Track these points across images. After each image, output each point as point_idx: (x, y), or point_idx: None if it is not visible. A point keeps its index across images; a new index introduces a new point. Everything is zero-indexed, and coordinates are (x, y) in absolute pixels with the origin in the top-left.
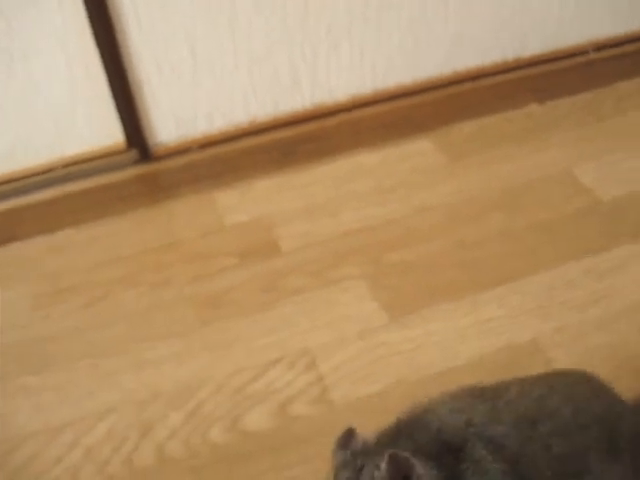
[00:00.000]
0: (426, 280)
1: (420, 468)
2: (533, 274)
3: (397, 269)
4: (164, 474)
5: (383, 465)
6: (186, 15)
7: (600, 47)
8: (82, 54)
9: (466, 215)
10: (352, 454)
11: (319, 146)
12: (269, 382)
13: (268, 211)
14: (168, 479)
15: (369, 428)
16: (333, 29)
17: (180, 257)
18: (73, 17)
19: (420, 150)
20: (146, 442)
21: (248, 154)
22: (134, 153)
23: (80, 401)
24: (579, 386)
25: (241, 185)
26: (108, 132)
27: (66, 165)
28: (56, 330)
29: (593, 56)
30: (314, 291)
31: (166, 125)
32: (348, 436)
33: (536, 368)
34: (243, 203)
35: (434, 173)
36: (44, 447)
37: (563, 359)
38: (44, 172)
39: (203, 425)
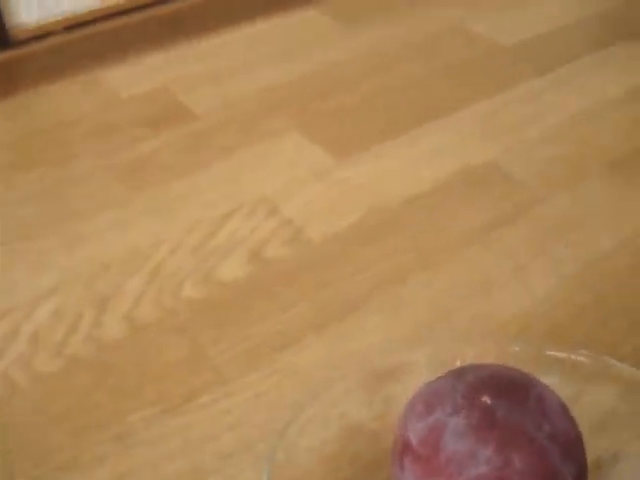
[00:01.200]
0: (362, 123)
1: None
2: (464, 108)
3: (328, 116)
4: (143, 341)
5: None
6: None
7: None
8: None
9: (378, 66)
10: None
11: (203, 20)
12: (231, 232)
13: (168, 79)
14: (151, 345)
15: (353, 257)
16: None
17: (78, 134)
18: None
19: (311, 18)
20: (107, 315)
21: (128, 31)
22: None
23: (6, 290)
24: None
25: (128, 61)
26: None
27: None
28: None
29: None
30: (247, 147)
31: (27, 4)
32: None
33: (497, 183)
34: (136, 76)
35: (331, 36)
36: None
37: (520, 172)
38: None
39: (170, 285)
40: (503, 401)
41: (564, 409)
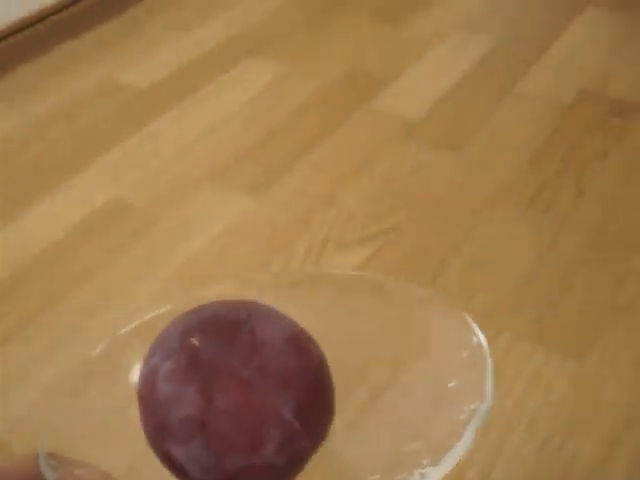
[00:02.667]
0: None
1: None
2: (97, 159)
3: None
4: None
5: None
6: None
7: None
8: None
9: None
10: None
11: None
12: None
13: None
14: None
15: None
16: None
17: None
18: None
19: None
20: None
21: None
22: None
23: None
24: None
25: None
26: None
27: None
28: None
29: None
30: None
31: None
32: None
33: (120, 216)
34: None
35: None
36: None
37: (140, 200)
38: None
39: None
40: (211, 341)
41: (287, 341)
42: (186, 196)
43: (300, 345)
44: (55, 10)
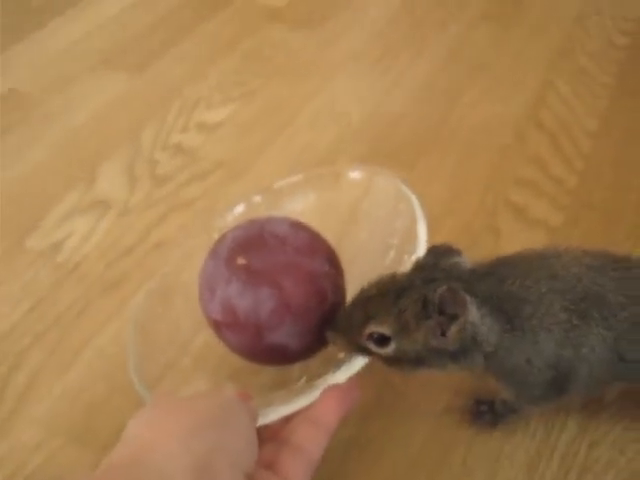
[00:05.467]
0: None
1: (474, 314)
2: None
3: None
4: None
5: (438, 291)
6: None
7: None
8: None
9: None
10: (434, 265)
11: None
12: None
13: None
14: None
15: None
16: None
17: None
18: None
19: None
20: None
21: None
22: None
23: None
24: None
25: None
26: None
27: None
28: None
29: None
30: None
31: None
32: (448, 250)
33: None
34: None
35: None
36: None
37: None
38: None
39: None
40: (253, 253)
41: (294, 225)
42: (70, 82)
43: (300, 225)
44: None
